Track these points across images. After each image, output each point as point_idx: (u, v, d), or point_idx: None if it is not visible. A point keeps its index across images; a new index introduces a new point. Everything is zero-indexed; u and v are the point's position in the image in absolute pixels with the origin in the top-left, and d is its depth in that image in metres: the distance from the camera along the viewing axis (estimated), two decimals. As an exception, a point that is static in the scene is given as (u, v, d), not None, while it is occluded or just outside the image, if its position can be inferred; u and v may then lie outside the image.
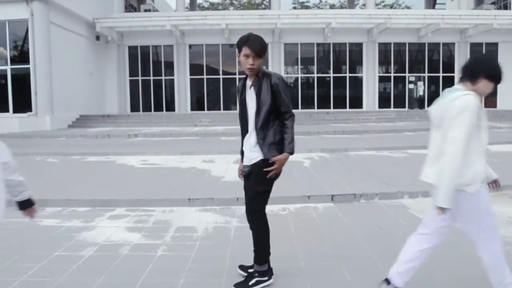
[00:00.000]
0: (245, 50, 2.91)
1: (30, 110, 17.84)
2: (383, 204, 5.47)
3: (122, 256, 3.73)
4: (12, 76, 18.16)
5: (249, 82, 3.06)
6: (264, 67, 3.06)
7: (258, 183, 3.04)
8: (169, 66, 25.00)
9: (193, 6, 32.64)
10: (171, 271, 3.38)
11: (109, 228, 4.58)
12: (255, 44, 2.91)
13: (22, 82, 18.02)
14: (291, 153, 3.02)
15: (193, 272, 3.36)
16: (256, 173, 3.04)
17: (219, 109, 24.28)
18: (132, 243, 4.07)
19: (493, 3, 28.44)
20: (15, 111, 17.98)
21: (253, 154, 3.05)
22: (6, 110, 18.00)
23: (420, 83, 25.22)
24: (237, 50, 3.00)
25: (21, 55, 18.31)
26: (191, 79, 24.90)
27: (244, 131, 3.13)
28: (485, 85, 2.59)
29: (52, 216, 5.10)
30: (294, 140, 3.04)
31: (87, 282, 3.17)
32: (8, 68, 18.08)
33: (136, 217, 5.03)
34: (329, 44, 24.78)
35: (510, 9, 26.33)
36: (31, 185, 6.68)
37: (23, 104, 17.91)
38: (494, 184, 2.88)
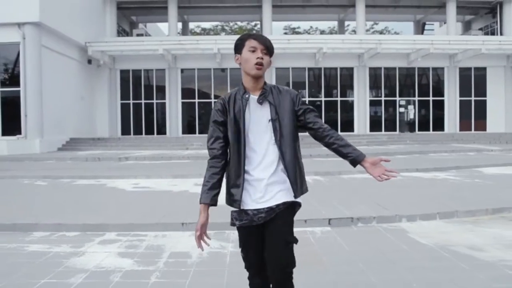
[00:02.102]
0: (251, 42, 2.26)
1: (20, 133, 17.59)
2: (381, 228, 5.35)
3: (113, 283, 3.54)
4: (2, 99, 17.99)
5: (251, 96, 2.28)
6: None
7: (290, 231, 2.29)
8: (161, 90, 25.01)
9: (185, 31, 32.88)
10: (165, 299, 3.21)
11: (99, 254, 4.39)
12: (261, 37, 2.29)
13: (12, 105, 17.87)
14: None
15: (189, 300, 3.20)
16: (287, 217, 2.28)
17: (211, 133, 24.10)
18: (124, 270, 3.88)
19: (480, 29, 29.01)
20: (4, 134, 17.72)
21: (271, 194, 2.24)
22: (-6, 132, 17.77)
23: (410, 107, 25.46)
24: (235, 53, 2.34)
25: (12, 78, 18.18)
26: (182, 102, 24.88)
27: (236, 163, 2.27)
28: None
29: (39, 241, 4.90)
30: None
31: (76, 312, 2.99)
32: (-3, 91, 17.92)
33: (127, 242, 4.85)
34: (320, 68, 25.01)
35: (497, 34, 26.84)
36: (17, 209, 6.44)
37: (13, 126, 17.68)
38: None
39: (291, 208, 2.27)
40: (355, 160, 2.26)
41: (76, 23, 20.52)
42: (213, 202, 2.28)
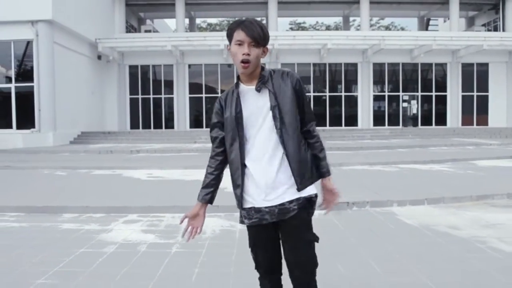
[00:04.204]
0: (238, 35, 2.00)
1: (34, 127, 18.33)
2: (373, 211, 5.96)
3: (141, 252, 4.19)
4: (16, 94, 18.71)
5: (245, 87, 2.11)
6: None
7: (308, 228, 2.13)
8: (169, 85, 25.67)
9: (192, 27, 33.47)
10: (186, 263, 3.85)
11: (125, 231, 5.03)
12: (251, 27, 2.00)
13: (26, 100, 18.61)
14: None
15: (206, 264, 3.83)
16: (303, 214, 2.09)
17: (218, 127, 24.70)
18: (148, 242, 4.53)
19: (483, 25, 29.39)
20: (18, 128, 18.47)
21: (278, 192, 2.07)
22: (10, 126, 18.49)
23: (413, 102, 25.96)
24: (228, 43, 2.10)
25: (26, 74, 18.90)
26: (190, 97, 25.53)
27: (237, 162, 2.11)
28: None
29: (70, 221, 5.56)
30: None
31: (113, 272, 3.63)
32: (12, 86, 18.63)
33: (148, 221, 5.49)
34: (325, 64, 25.55)
35: (499, 31, 27.22)
36: (45, 195, 7.26)
37: (27, 120, 18.44)
38: None
39: (308, 204, 2.11)
40: (323, 174, 2.19)
41: (87, 20, 21.19)
42: (204, 201, 2.22)
